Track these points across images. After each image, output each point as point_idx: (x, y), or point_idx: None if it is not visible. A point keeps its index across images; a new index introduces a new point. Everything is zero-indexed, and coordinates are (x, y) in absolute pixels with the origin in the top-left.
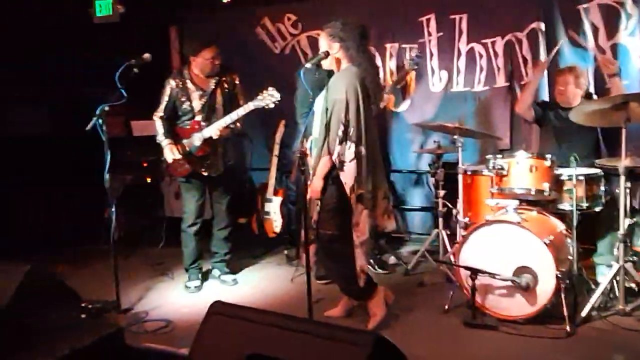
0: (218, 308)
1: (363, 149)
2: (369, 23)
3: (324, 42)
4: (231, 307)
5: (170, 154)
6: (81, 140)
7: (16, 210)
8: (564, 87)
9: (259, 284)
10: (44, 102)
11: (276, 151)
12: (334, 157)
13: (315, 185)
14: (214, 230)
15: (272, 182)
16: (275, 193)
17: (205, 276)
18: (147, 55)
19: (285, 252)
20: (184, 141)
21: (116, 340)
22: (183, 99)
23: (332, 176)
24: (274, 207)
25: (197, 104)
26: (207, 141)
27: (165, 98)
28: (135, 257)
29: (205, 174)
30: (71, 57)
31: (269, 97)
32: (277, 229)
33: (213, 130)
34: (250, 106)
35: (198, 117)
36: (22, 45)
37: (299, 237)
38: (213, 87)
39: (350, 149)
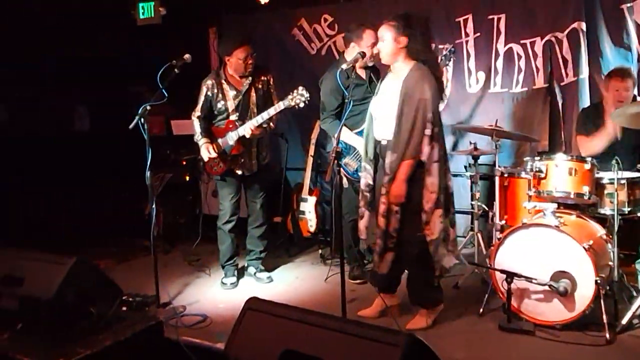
0: (253, 304)
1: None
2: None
3: (388, 35)
4: (266, 303)
5: (206, 152)
6: (124, 138)
7: (62, 206)
8: (625, 93)
9: (293, 282)
10: (86, 101)
11: (311, 151)
12: (424, 158)
13: (400, 189)
14: (249, 228)
15: (307, 181)
16: (311, 193)
17: (241, 273)
18: (187, 56)
19: (320, 251)
20: (219, 140)
21: (156, 333)
22: (218, 99)
23: (417, 178)
24: (309, 207)
25: (231, 104)
26: (241, 140)
27: (202, 98)
28: (174, 253)
29: (240, 172)
30: (113, 57)
31: (299, 97)
32: (312, 229)
33: (246, 129)
34: (280, 106)
35: (232, 117)
36: (67, 45)
37: (333, 237)
38: (247, 87)
39: (435, 150)
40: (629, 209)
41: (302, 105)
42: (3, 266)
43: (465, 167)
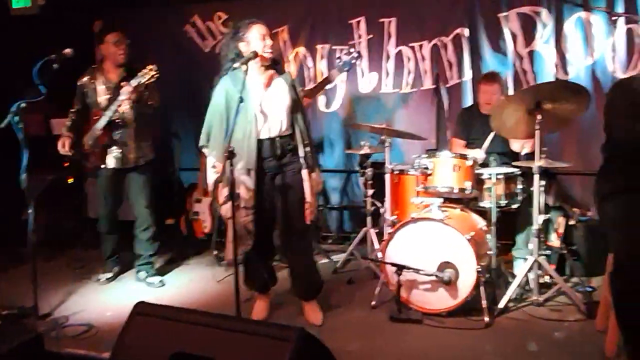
0: (141, 309)
1: None
2: (300, 23)
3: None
4: (155, 307)
5: (60, 147)
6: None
7: None
8: (492, 96)
9: (186, 285)
10: None
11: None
12: None
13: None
14: (137, 232)
15: (202, 182)
16: (205, 193)
17: (131, 278)
18: (68, 50)
19: (215, 252)
20: (89, 134)
21: (35, 347)
22: (91, 92)
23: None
24: (203, 208)
25: (102, 97)
26: (109, 130)
27: (77, 92)
28: (57, 260)
29: (112, 165)
30: None
31: (149, 73)
32: (207, 230)
33: (104, 120)
34: (130, 86)
35: (103, 109)
36: None
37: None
38: (121, 79)
39: None
40: (506, 202)
41: (152, 80)
42: None
43: (359, 165)
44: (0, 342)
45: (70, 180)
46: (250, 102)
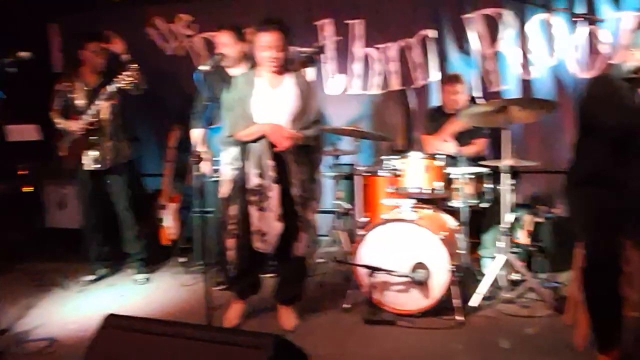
0: (110, 321)
1: None
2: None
3: (280, 39)
4: (125, 319)
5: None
6: None
7: None
8: (456, 96)
9: (154, 294)
10: None
11: (170, 156)
12: None
13: None
14: (122, 232)
15: (167, 188)
16: (171, 199)
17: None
18: (25, 54)
19: (181, 259)
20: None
21: None
22: (72, 97)
23: None
24: (168, 214)
25: (80, 101)
26: (88, 132)
27: (56, 97)
28: (13, 273)
29: (91, 166)
30: None
31: (126, 78)
32: (173, 236)
33: (81, 123)
34: (107, 92)
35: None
36: None
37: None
38: (99, 83)
39: None
40: (475, 201)
41: (131, 86)
42: None
43: (328, 167)
44: None
45: (28, 189)
46: (255, 102)
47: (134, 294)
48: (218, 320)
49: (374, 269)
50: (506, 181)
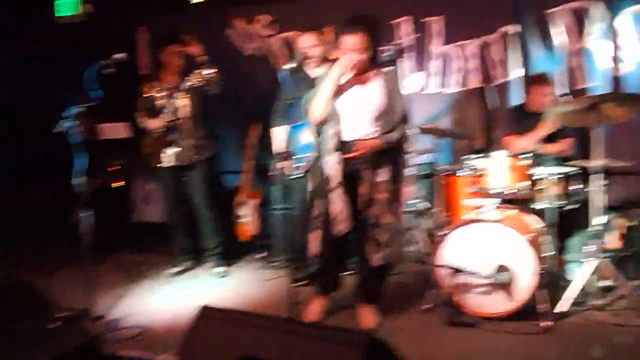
0: (205, 312)
1: None
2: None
3: (364, 41)
4: (219, 311)
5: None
6: (49, 144)
7: None
8: (544, 98)
9: (234, 288)
10: (6, 104)
11: (250, 154)
12: None
13: None
14: (200, 226)
15: (246, 185)
16: (250, 196)
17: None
18: (120, 55)
19: (260, 255)
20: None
21: (91, 349)
22: (154, 97)
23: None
24: (248, 210)
25: (162, 101)
26: (170, 130)
27: (141, 97)
28: (106, 264)
29: (171, 163)
30: (34, 58)
31: (197, 77)
32: (252, 232)
33: (162, 122)
34: (181, 90)
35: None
36: None
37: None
38: (178, 84)
39: None
40: (562, 203)
41: (201, 84)
42: None
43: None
44: (58, 343)
45: (118, 184)
46: (340, 101)
47: (216, 287)
48: (299, 316)
49: (456, 270)
50: (596, 182)
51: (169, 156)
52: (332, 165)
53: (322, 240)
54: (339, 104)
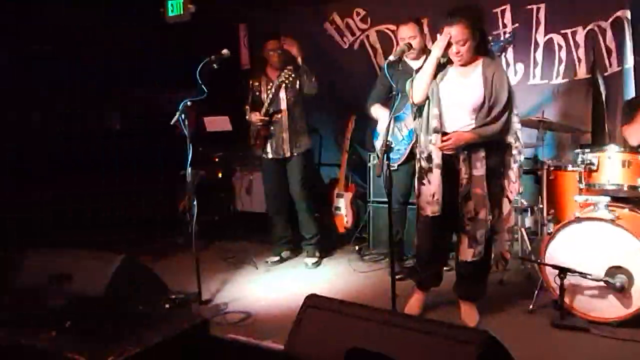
0: (313, 301)
1: None
2: (442, 15)
3: (464, 32)
4: (326, 300)
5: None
6: (154, 136)
7: (95, 204)
8: None
9: (332, 279)
10: (118, 100)
11: (347, 146)
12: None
13: None
14: (298, 216)
15: (343, 177)
16: (346, 188)
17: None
18: (225, 51)
19: (356, 247)
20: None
21: (201, 331)
22: (258, 91)
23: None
24: (344, 203)
25: (264, 95)
26: (267, 124)
27: (248, 91)
28: (209, 251)
29: (270, 156)
30: (144, 57)
31: (284, 74)
32: (348, 224)
33: (263, 115)
34: (277, 86)
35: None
36: (95, 44)
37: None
38: (279, 78)
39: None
40: None
41: (287, 82)
42: (51, 264)
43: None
44: (170, 324)
45: (219, 175)
46: (443, 92)
47: (313, 277)
48: (400, 309)
49: (566, 270)
50: None
51: (269, 148)
52: (432, 146)
53: (421, 232)
54: (442, 95)
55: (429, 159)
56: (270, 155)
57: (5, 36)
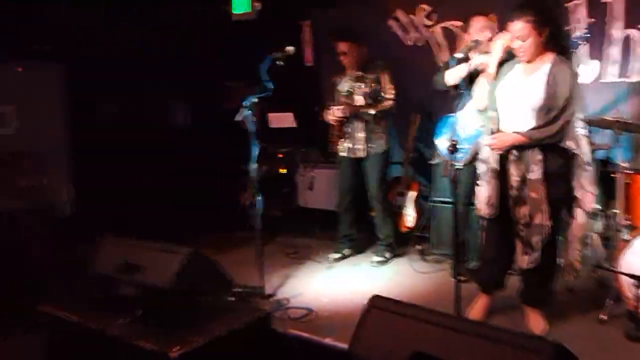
0: (377, 302)
1: None
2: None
3: (526, 27)
4: (391, 302)
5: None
6: (219, 132)
7: (160, 198)
8: None
9: (394, 278)
10: (184, 96)
11: (410, 146)
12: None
13: None
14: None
15: (406, 175)
16: (409, 187)
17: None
18: (290, 48)
19: (418, 247)
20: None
21: (264, 325)
22: (337, 88)
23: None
24: (407, 202)
25: (342, 92)
26: (342, 123)
27: (330, 87)
28: (272, 246)
29: (343, 154)
30: (212, 54)
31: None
32: (410, 224)
33: (337, 112)
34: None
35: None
36: (163, 42)
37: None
38: (355, 77)
39: None
40: None
41: (363, 82)
42: (123, 254)
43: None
44: (234, 317)
45: (283, 171)
46: (502, 89)
47: (376, 276)
48: (464, 313)
49: None
50: None
51: (344, 147)
52: (487, 150)
53: (482, 234)
54: (500, 90)
55: (484, 160)
56: (345, 154)
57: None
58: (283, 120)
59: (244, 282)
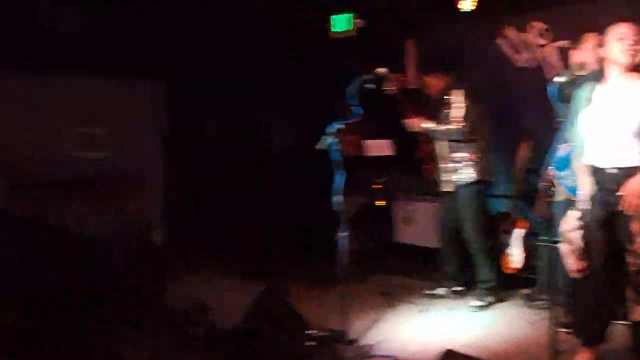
0: (449, 357)
1: None
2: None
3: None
4: (463, 357)
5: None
6: (318, 158)
7: (250, 229)
8: None
9: (492, 325)
10: (281, 121)
11: (518, 176)
12: None
13: None
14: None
15: (512, 211)
16: (516, 224)
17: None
18: (382, 70)
19: (525, 291)
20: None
21: None
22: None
23: None
24: (513, 240)
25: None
26: (425, 145)
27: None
28: (363, 284)
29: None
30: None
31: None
32: (516, 265)
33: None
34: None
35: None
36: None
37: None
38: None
39: None
40: None
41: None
42: (193, 291)
43: None
44: None
45: (381, 204)
46: (591, 113)
47: (473, 322)
48: None
49: None
50: None
51: (438, 178)
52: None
53: (581, 281)
54: (590, 118)
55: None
56: (440, 186)
57: None
58: (380, 148)
59: (329, 323)
